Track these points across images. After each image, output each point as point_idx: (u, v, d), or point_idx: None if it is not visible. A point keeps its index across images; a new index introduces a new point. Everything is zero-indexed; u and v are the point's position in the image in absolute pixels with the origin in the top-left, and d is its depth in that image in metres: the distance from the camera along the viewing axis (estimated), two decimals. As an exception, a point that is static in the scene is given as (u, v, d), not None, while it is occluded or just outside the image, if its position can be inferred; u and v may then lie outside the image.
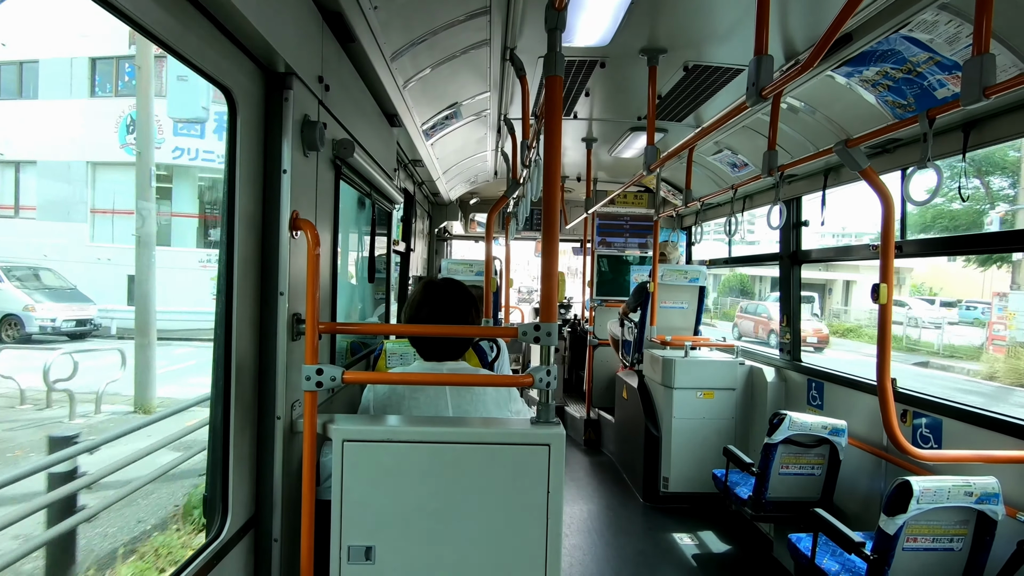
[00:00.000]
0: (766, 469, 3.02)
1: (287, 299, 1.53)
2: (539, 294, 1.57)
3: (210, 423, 1.45)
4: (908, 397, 2.77)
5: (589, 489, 4.63)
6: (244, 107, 1.40)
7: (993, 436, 2.35)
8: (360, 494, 1.48)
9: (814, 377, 3.64)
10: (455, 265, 5.34)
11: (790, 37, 2.51)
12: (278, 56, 1.43)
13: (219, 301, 1.41)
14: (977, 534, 2.12)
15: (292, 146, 1.53)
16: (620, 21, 2.49)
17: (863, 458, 3.07)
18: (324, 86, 1.79)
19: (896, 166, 2.94)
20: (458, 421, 1.69)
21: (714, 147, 4.21)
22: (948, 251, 2.86)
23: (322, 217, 1.86)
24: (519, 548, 1.50)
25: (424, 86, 2.93)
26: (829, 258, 4.31)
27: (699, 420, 4.20)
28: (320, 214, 1.83)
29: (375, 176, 2.37)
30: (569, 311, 7.99)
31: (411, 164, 4.42)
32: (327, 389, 1.49)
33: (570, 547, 3.61)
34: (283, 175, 1.52)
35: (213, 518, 1.42)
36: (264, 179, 1.52)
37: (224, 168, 1.42)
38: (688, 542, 3.72)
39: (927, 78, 2.33)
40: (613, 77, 3.21)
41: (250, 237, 1.46)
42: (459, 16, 2.39)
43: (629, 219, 6.79)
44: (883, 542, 2.06)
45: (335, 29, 1.88)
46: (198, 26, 1.21)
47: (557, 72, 1.55)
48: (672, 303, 5.00)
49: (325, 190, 1.89)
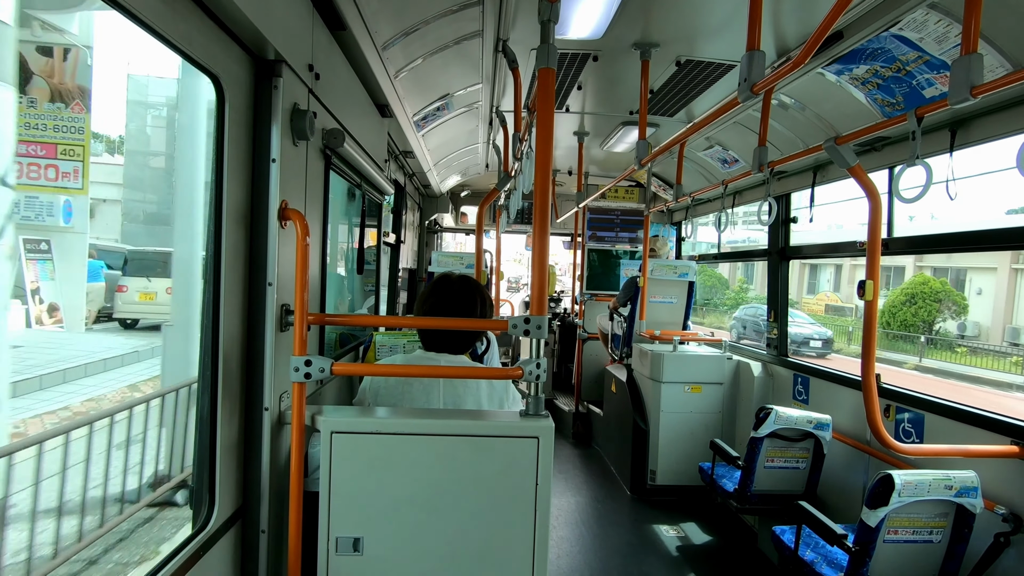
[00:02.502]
0: (751, 462, 3.06)
1: (275, 290, 1.52)
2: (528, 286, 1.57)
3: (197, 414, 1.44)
4: (891, 392, 2.81)
5: (577, 482, 4.67)
6: (232, 95, 1.38)
7: (973, 431, 2.40)
8: (348, 485, 1.48)
9: (800, 372, 3.69)
10: (445, 257, 5.32)
11: (782, 33, 2.52)
12: (267, 43, 1.41)
13: (206, 291, 1.40)
14: (956, 526, 2.16)
15: (281, 135, 1.52)
16: (613, 14, 2.48)
17: (847, 452, 3.12)
18: (314, 75, 1.77)
19: (884, 164, 2.97)
20: (447, 413, 1.69)
21: (705, 143, 4.22)
22: (935, 248, 2.90)
23: (311, 207, 1.84)
24: (507, 539, 1.51)
25: (415, 76, 2.91)
26: (816, 254, 4.35)
27: (686, 414, 4.24)
28: (309, 204, 1.82)
29: (365, 166, 2.36)
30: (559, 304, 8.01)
31: (402, 155, 4.39)
32: (315, 380, 1.49)
33: (558, 539, 3.64)
34: (272, 164, 1.50)
35: (200, 509, 1.41)
36: (252, 168, 1.50)
37: (212, 157, 1.40)
38: (674, 534, 3.76)
39: (916, 77, 2.35)
40: (606, 71, 3.21)
41: (238, 227, 1.45)
42: (452, 6, 2.37)
43: (620, 213, 6.80)
44: (865, 534, 2.10)
45: (326, 17, 1.86)
46: (185, 10, 1.19)
47: (550, 64, 1.54)
48: (661, 298, 5.03)
49: (315, 180, 1.87)
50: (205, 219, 4.39)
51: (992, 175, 16.58)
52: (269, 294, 1.51)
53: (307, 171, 1.78)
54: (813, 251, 4.22)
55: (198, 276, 5.12)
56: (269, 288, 1.51)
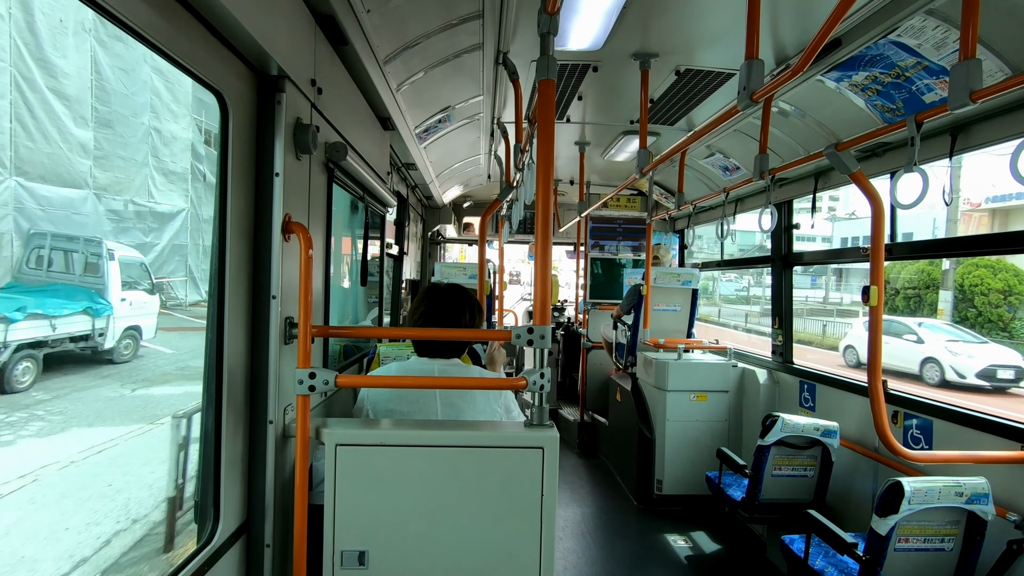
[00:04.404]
0: (759, 471, 3.03)
1: (279, 303, 1.52)
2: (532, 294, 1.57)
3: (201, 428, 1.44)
4: (899, 398, 2.79)
5: (583, 492, 4.63)
6: (236, 110, 1.40)
7: (983, 436, 2.37)
8: (353, 498, 1.47)
9: (806, 379, 3.66)
10: (448, 268, 5.33)
11: (780, 42, 2.53)
12: (270, 59, 1.43)
13: (211, 304, 1.41)
14: (967, 534, 2.13)
15: (284, 149, 1.53)
16: (612, 25, 2.50)
17: (855, 459, 3.09)
18: (317, 89, 1.79)
19: (885, 170, 2.97)
20: (452, 424, 1.69)
21: (706, 151, 4.23)
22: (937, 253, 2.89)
23: (315, 220, 1.85)
24: (513, 551, 1.50)
25: (417, 90, 2.93)
26: (820, 260, 4.34)
27: (692, 422, 4.22)
28: (313, 217, 1.83)
29: (368, 179, 2.37)
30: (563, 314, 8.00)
31: (404, 167, 4.42)
32: (320, 393, 1.49)
33: (564, 550, 3.60)
34: (275, 178, 1.51)
35: (204, 524, 1.41)
36: (256, 182, 1.52)
37: (216, 171, 1.41)
38: (682, 544, 3.72)
39: (915, 82, 2.36)
40: (605, 81, 3.23)
41: (242, 240, 1.46)
42: (452, 20, 2.40)
43: (622, 222, 6.81)
44: (875, 543, 2.07)
45: (328, 32, 1.88)
46: (189, 28, 1.20)
47: (550, 76, 1.55)
48: (665, 306, 5.02)
49: (318, 193, 1.88)
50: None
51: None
52: (273, 307, 1.51)
53: (310, 184, 1.79)
54: (816, 257, 4.20)
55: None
56: (273, 301, 1.51)
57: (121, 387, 8.10)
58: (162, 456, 5.54)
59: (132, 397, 7.81)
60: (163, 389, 8.35)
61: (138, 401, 7.70)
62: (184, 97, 14.30)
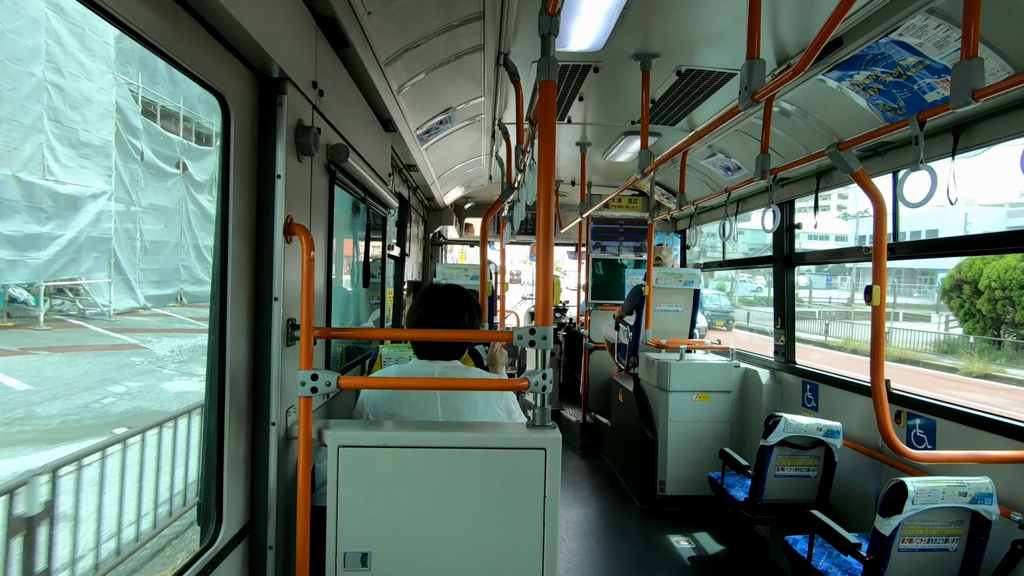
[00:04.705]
0: (762, 471, 3.02)
1: (281, 304, 1.52)
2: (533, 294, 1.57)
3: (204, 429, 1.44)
4: (902, 398, 2.78)
5: (585, 493, 4.63)
6: (238, 112, 1.40)
7: (987, 436, 2.37)
8: (356, 500, 1.47)
9: (808, 379, 3.66)
10: (450, 270, 5.34)
11: (781, 41, 2.53)
12: (272, 61, 1.43)
13: (213, 307, 1.41)
14: (972, 534, 2.13)
15: (286, 151, 1.53)
16: (613, 26, 2.50)
17: (858, 459, 3.08)
18: (318, 91, 1.79)
19: (887, 169, 2.97)
20: (454, 426, 1.69)
21: (707, 151, 4.23)
22: (941, 252, 2.88)
23: (316, 222, 1.86)
24: (516, 552, 1.50)
25: (418, 91, 2.94)
26: (822, 260, 4.34)
27: (694, 423, 4.21)
28: (314, 219, 1.83)
29: (369, 181, 2.37)
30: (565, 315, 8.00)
31: (406, 169, 4.42)
32: (322, 394, 1.49)
33: (567, 551, 3.60)
34: (277, 180, 1.52)
35: (207, 526, 1.41)
36: (258, 184, 1.52)
37: (218, 173, 1.42)
38: (685, 545, 3.72)
39: (917, 82, 2.35)
40: (606, 82, 3.23)
41: (244, 242, 1.46)
42: (453, 21, 2.40)
43: (623, 223, 6.80)
44: (879, 543, 2.07)
45: (329, 34, 1.89)
46: (191, 30, 1.21)
47: (551, 77, 1.55)
48: (667, 306, 5.02)
49: (319, 195, 1.89)
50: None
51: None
52: (275, 309, 1.52)
53: (312, 186, 1.80)
54: (818, 257, 4.20)
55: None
56: (275, 303, 1.52)
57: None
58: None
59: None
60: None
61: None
62: (104, 50, 10.99)
